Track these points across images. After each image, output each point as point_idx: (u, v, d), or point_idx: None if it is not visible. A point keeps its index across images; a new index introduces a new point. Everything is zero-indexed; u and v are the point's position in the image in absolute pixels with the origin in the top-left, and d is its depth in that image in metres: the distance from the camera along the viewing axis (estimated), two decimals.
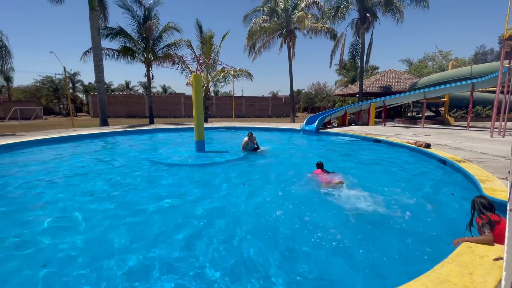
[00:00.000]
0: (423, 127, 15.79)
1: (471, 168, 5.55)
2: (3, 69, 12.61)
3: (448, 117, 18.60)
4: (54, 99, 41.58)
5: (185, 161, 7.44)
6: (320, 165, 5.75)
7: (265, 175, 6.03)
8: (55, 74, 44.30)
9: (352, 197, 4.58)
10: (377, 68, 47.36)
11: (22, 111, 30.14)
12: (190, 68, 17.60)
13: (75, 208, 4.21)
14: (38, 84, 40.92)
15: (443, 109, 20.16)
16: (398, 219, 3.84)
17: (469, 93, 14.68)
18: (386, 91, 24.03)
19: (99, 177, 5.87)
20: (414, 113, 32.15)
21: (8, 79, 39.03)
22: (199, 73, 9.03)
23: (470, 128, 14.37)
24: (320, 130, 13.79)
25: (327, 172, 5.61)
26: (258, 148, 8.70)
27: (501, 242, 2.44)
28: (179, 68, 19.02)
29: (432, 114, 24.29)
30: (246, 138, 8.50)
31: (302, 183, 5.41)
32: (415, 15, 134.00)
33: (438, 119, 18.68)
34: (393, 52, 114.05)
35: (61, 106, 42.35)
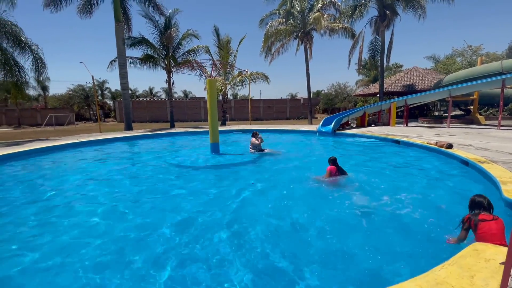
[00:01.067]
0: (449, 127, 14.97)
1: (494, 169, 5.24)
2: (40, 79, 13.79)
3: (478, 116, 17.44)
4: (85, 106, 44.60)
5: (198, 163, 7.68)
6: (334, 161, 5.39)
7: (276, 177, 6.09)
8: (86, 82, 47.58)
9: (365, 200, 4.53)
10: (401, 66, 45.47)
11: (56, 117, 32.66)
12: (208, 73, 18.12)
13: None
14: (71, 92, 44.19)
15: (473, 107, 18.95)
16: (411, 220, 3.75)
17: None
18: (409, 90, 23.04)
19: (118, 178, 6.23)
20: (441, 112, 30.48)
21: (45, 88, 42.39)
22: (214, 77, 9.34)
23: (501, 127, 13.39)
24: (337, 132, 13.60)
25: (341, 170, 5.45)
26: (262, 150, 8.66)
27: (489, 240, 2.50)
28: (198, 73, 19.69)
29: (461, 113, 22.89)
30: (253, 138, 8.53)
31: (314, 185, 5.38)
32: (440, 11, 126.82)
33: (467, 118, 17.58)
34: (418, 49, 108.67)
35: (91, 112, 45.30)
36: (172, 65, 20.49)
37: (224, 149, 9.54)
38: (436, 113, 28.21)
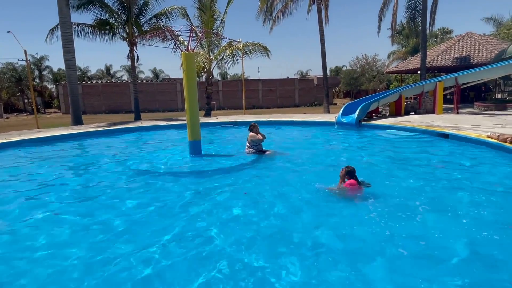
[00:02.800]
0: None
1: None
2: None
3: None
4: (17, 92, 44.29)
5: (172, 168, 7.72)
6: (353, 173, 5.38)
7: (280, 188, 6.04)
8: (17, 60, 46.82)
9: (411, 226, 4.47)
10: (450, 32, 45.62)
11: None
12: (185, 44, 17.98)
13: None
14: None
15: None
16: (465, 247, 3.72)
17: None
18: (461, 64, 23.08)
19: (62, 194, 6.12)
20: (505, 95, 30.62)
21: None
22: (194, 51, 9.23)
23: None
24: (362, 123, 13.64)
25: (362, 183, 5.46)
26: (267, 150, 8.73)
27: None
28: (172, 45, 19.56)
29: None
30: (252, 133, 8.45)
31: (330, 201, 5.37)
32: None
33: None
34: (472, 8, 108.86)
35: (26, 101, 45.02)
36: (136, 34, 20.44)
37: (208, 149, 9.54)
38: (499, 96, 28.40)
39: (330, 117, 15.75)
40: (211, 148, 9.97)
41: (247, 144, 8.64)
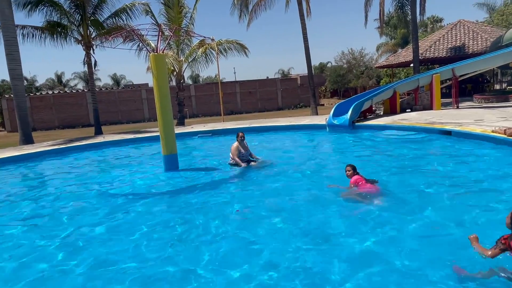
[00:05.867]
0: None
1: None
2: None
3: None
4: None
5: (146, 188, 7.59)
6: (354, 168, 6.05)
7: (272, 203, 6.03)
8: None
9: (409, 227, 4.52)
10: (441, 20, 47.53)
11: None
12: (152, 45, 17.81)
13: None
14: None
15: None
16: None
17: None
18: (456, 55, 23.94)
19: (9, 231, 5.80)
20: (504, 85, 32.00)
21: None
22: (163, 52, 9.29)
23: None
24: (356, 124, 13.82)
25: (366, 180, 5.94)
26: (254, 160, 8.81)
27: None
28: (135, 46, 19.37)
29: None
30: (236, 143, 8.57)
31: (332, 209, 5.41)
32: None
33: None
34: None
35: None
36: (93, 36, 20.10)
37: (186, 163, 9.47)
38: (497, 86, 29.58)
39: (320, 119, 15.93)
40: (190, 162, 9.91)
41: (231, 155, 8.66)
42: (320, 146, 11.81)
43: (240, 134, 8.64)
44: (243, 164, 8.45)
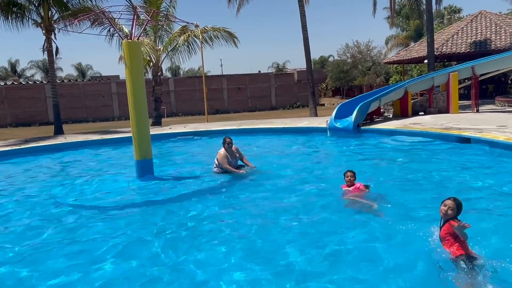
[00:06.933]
0: None
1: None
2: None
3: None
4: None
5: (116, 199, 7.34)
6: (354, 176, 6.31)
7: (263, 217, 5.91)
8: None
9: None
10: (459, 10, 47.05)
11: None
12: (125, 31, 16.90)
13: None
14: None
15: None
16: None
17: None
18: (477, 50, 23.17)
19: None
20: None
21: None
22: (138, 39, 8.98)
23: None
24: (361, 128, 13.46)
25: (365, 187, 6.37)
26: (244, 165, 8.77)
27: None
28: (105, 32, 18.59)
29: None
30: (222, 150, 8.42)
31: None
32: None
33: None
34: None
35: None
36: (55, 18, 18.99)
37: (162, 170, 9.33)
38: None
39: (320, 122, 15.52)
40: (166, 169, 9.75)
41: (216, 162, 8.51)
42: (319, 153, 11.51)
43: (228, 139, 8.46)
44: (239, 171, 8.44)
